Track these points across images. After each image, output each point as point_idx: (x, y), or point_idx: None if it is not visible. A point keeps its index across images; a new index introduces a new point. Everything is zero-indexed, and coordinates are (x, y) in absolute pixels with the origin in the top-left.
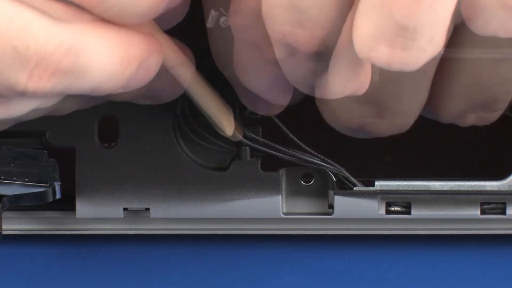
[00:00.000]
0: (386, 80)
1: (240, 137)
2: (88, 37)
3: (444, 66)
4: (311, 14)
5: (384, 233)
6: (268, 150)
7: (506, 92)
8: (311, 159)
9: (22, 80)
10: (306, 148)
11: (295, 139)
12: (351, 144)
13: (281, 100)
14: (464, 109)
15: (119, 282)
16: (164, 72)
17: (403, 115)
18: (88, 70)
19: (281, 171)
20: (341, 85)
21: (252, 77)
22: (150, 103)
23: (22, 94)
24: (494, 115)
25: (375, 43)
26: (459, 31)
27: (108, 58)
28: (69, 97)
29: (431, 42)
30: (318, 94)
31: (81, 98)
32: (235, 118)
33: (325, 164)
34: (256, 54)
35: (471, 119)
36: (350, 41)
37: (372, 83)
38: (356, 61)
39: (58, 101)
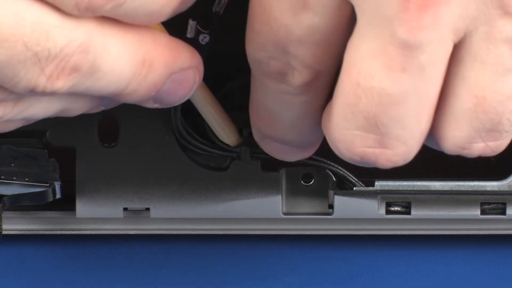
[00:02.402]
0: (387, 103)
1: (239, 142)
2: (107, 35)
3: (445, 87)
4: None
5: (384, 233)
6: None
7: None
8: (311, 158)
9: (41, 81)
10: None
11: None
12: None
13: (313, 139)
14: (469, 136)
15: (119, 282)
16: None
17: (406, 143)
18: (107, 71)
19: (281, 171)
20: None
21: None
22: (158, 107)
23: (41, 94)
24: (503, 143)
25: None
26: (458, 48)
27: (128, 59)
28: (79, 98)
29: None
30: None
31: (90, 99)
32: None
33: (325, 164)
34: (283, 87)
35: (478, 149)
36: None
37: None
38: None
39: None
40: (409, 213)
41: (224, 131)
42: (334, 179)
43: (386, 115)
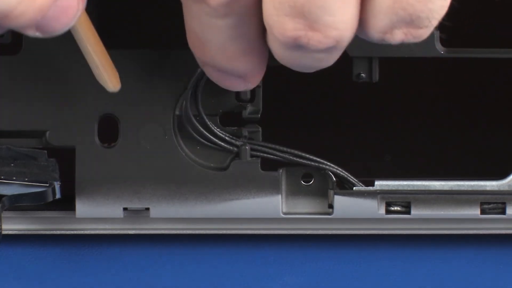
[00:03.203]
0: None
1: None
2: None
3: None
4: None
5: (384, 233)
6: (266, 155)
7: (430, 10)
8: (310, 159)
9: None
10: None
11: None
12: (352, 144)
13: (247, 66)
14: (389, 25)
15: (119, 282)
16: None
17: (337, 28)
18: None
19: (281, 171)
20: None
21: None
22: (38, 37)
23: None
24: (422, 32)
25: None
26: None
27: None
28: None
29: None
30: None
31: None
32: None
33: (325, 165)
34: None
35: (398, 35)
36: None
37: None
38: None
39: None
40: (409, 213)
41: (103, 71)
42: (334, 179)
43: (313, 4)
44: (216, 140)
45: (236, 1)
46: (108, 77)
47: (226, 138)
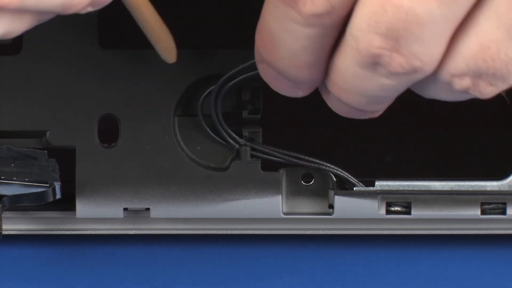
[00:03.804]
0: (413, 22)
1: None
2: None
3: (462, 23)
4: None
5: (384, 233)
6: (266, 155)
7: (509, 72)
8: (310, 161)
9: None
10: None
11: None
12: (352, 144)
13: (307, 79)
14: (464, 70)
15: (119, 282)
16: None
17: (421, 59)
18: None
19: (281, 171)
20: None
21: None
22: (90, 10)
23: None
24: (489, 90)
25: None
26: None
27: None
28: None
29: None
30: None
31: (33, 16)
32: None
33: (325, 166)
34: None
35: (466, 83)
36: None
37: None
38: None
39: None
40: (409, 213)
41: (160, 40)
42: (334, 179)
43: (409, 32)
44: (225, 136)
45: (328, 14)
46: (163, 48)
47: (229, 138)
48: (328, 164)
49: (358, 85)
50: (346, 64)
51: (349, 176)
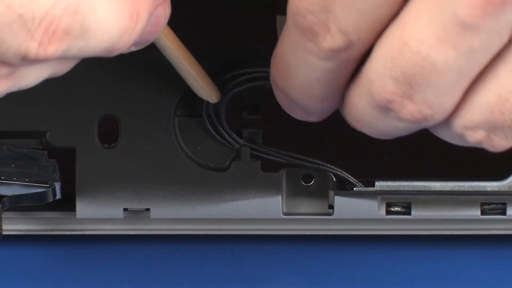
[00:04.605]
0: (429, 69)
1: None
2: None
3: (481, 72)
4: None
5: (384, 233)
6: (266, 156)
7: None
8: (310, 161)
9: (32, 47)
10: (302, 157)
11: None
12: (352, 144)
13: (319, 109)
14: (479, 122)
15: (119, 282)
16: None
17: (432, 108)
18: (98, 30)
19: (281, 171)
20: None
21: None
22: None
23: (34, 62)
24: (503, 143)
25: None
26: (506, 47)
27: (117, 15)
28: None
29: None
30: None
31: (79, 59)
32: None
33: (325, 166)
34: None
35: (479, 136)
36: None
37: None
38: None
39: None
40: (409, 213)
41: (198, 82)
42: (334, 179)
43: (424, 78)
44: (225, 136)
45: (346, 50)
46: (204, 88)
47: (229, 138)
48: (328, 165)
49: (370, 121)
50: (359, 101)
51: (349, 176)
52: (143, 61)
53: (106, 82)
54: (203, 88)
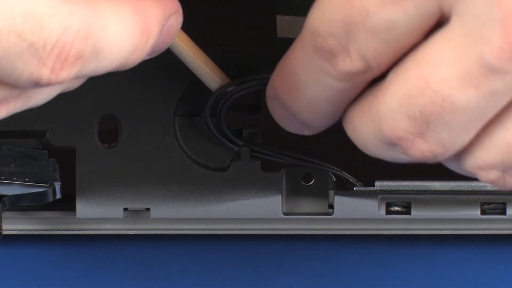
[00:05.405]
0: (448, 109)
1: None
2: (104, 15)
3: (500, 112)
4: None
5: (384, 233)
6: (266, 156)
7: None
8: (310, 161)
9: (45, 74)
10: (301, 157)
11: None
12: (352, 144)
13: (321, 124)
14: (493, 163)
15: (119, 282)
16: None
17: (444, 147)
18: (110, 51)
19: (281, 171)
20: None
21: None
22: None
23: (47, 87)
24: None
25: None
26: None
27: (128, 33)
28: None
29: None
30: None
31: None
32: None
33: (325, 167)
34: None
35: (493, 176)
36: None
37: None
38: None
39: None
40: (409, 213)
41: (209, 74)
42: (334, 179)
43: (441, 118)
44: (225, 136)
45: (363, 73)
46: (212, 78)
47: (229, 138)
48: (328, 165)
49: (371, 148)
50: (364, 130)
51: (349, 176)
52: (143, 61)
53: (106, 82)
54: (212, 77)
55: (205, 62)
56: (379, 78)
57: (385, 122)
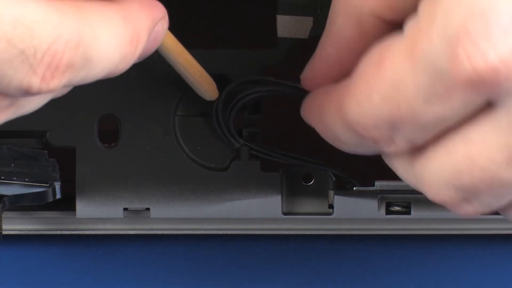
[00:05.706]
0: (496, 185)
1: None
2: (94, 24)
3: None
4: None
5: (384, 233)
6: (266, 156)
7: None
8: (310, 161)
9: (35, 82)
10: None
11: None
12: None
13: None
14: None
15: (119, 282)
16: None
17: (491, 208)
18: (100, 59)
19: (281, 171)
20: None
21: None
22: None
23: (36, 95)
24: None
25: None
26: None
27: (117, 41)
28: None
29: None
30: None
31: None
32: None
33: (324, 167)
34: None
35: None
36: None
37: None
38: None
39: None
40: (409, 213)
41: (199, 83)
42: (334, 179)
43: (489, 192)
44: (225, 136)
45: (401, 150)
46: (203, 87)
47: (229, 138)
48: (328, 165)
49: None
50: (406, 178)
51: (349, 176)
52: (143, 61)
53: (106, 82)
54: (203, 86)
55: (188, 61)
56: None
57: (428, 187)
